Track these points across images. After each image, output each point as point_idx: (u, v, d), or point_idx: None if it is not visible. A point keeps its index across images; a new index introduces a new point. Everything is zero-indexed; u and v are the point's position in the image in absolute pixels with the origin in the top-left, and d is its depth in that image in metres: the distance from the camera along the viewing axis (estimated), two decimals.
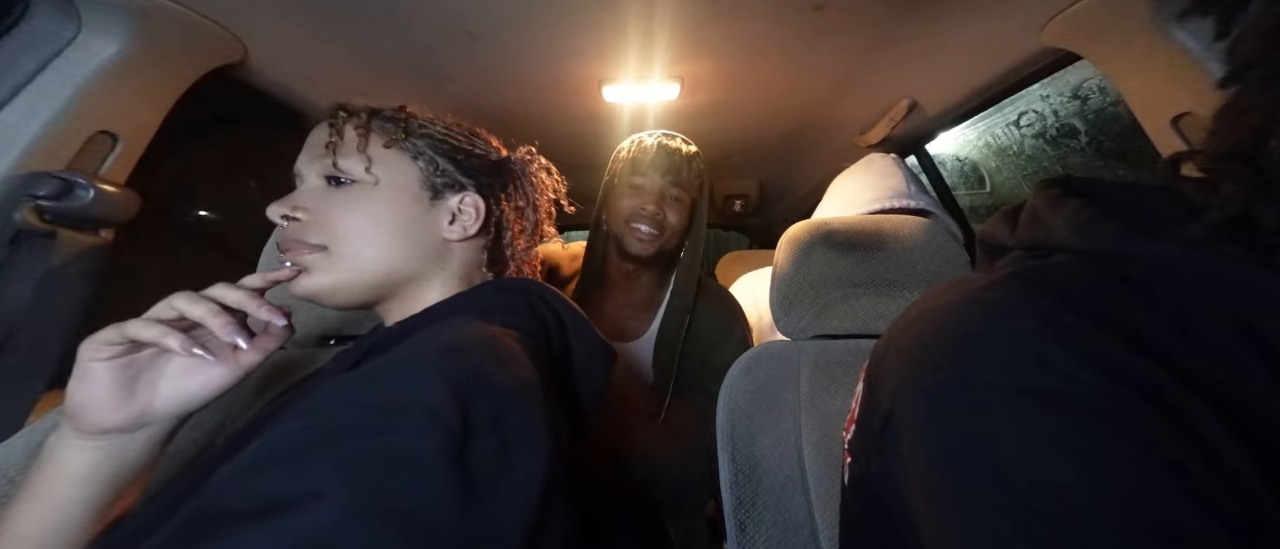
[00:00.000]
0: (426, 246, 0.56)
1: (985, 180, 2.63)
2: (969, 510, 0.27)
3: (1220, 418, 0.24)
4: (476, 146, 0.60)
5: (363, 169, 0.52)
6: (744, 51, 0.92)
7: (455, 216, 0.57)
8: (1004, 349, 0.28)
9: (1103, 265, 0.30)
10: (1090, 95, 1.48)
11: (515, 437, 0.39)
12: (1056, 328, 0.27)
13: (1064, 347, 0.26)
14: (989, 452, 0.26)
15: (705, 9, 0.78)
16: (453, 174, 0.57)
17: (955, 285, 0.35)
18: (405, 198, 0.54)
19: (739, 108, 1.20)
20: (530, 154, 0.66)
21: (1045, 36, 0.78)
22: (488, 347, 0.44)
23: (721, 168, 1.80)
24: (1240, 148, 0.27)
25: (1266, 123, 0.26)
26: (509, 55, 0.92)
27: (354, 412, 0.35)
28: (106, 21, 0.68)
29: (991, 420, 0.27)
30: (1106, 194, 0.34)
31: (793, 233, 0.80)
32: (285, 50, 0.86)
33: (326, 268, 0.52)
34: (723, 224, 2.58)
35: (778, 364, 0.75)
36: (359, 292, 0.53)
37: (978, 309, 0.31)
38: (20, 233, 0.64)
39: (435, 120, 0.59)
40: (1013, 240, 0.37)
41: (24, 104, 0.64)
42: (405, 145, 0.55)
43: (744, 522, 0.67)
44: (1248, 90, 0.28)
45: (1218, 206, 0.27)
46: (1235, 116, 0.28)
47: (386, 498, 0.31)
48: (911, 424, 0.31)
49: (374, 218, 0.53)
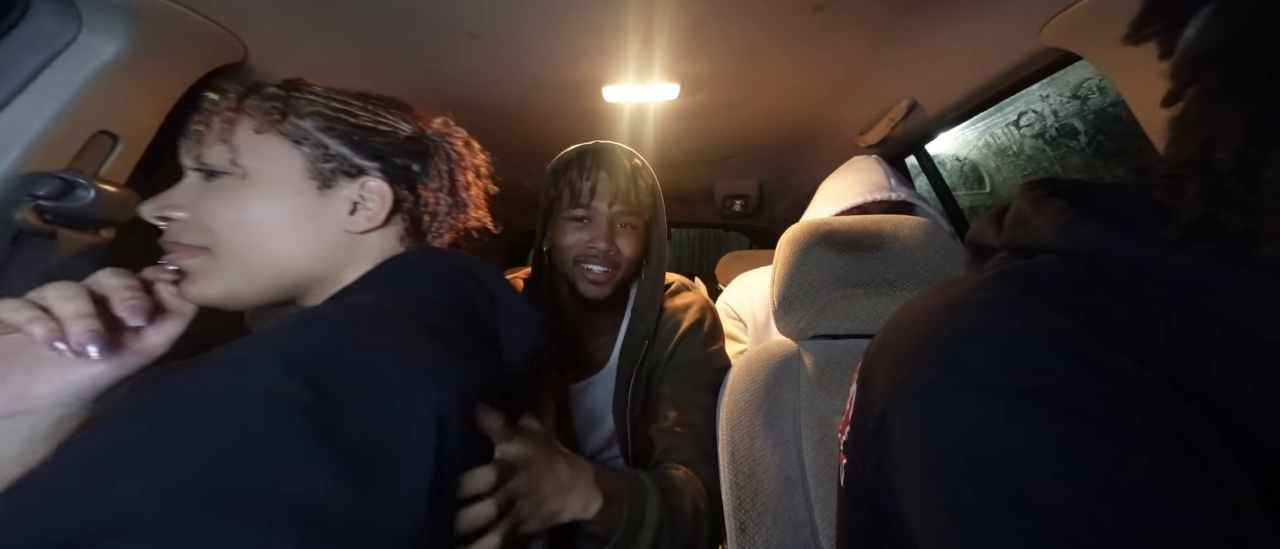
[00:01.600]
0: (326, 242, 0.50)
1: (985, 180, 2.63)
2: (960, 510, 0.27)
3: (1204, 416, 0.25)
4: (381, 124, 0.53)
5: (228, 160, 0.46)
6: (744, 52, 0.92)
7: (357, 206, 0.51)
8: (992, 349, 0.29)
9: (1085, 266, 0.31)
10: (1090, 95, 1.48)
11: (401, 400, 0.36)
12: (1042, 328, 0.28)
13: (1050, 346, 0.27)
14: (979, 451, 0.27)
15: (705, 10, 0.78)
16: (348, 158, 0.50)
17: (945, 287, 0.35)
18: (285, 189, 0.48)
19: (739, 108, 1.20)
20: (446, 125, 0.58)
21: (1045, 36, 0.78)
22: (352, 314, 0.40)
23: (721, 168, 1.80)
24: (1195, 156, 0.28)
25: (1213, 133, 0.27)
26: (509, 55, 0.92)
27: (164, 415, 0.31)
28: (107, 22, 0.68)
29: (980, 420, 0.27)
30: (1090, 195, 0.34)
31: (792, 233, 0.80)
32: (285, 50, 0.86)
33: (210, 272, 0.47)
34: (723, 224, 2.58)
35: (777, 364, 0.75)
36: (258, 295, 0.49)
37: (965, 310, 0.32)
38: (21, 233, 0.64)
39: (333, 96, 0.52)
40: (1000, 241, 0.38)
41: (24, 104, 0.64)
42: (283, 128, 0.49)
43: (744, 522, 0.67)
44: (1191, 106, 0.29)
45: (1185, 209, 0.28)
46: (1186, 127, 0.30)
47: (228, 486, 0.28)
48: (903, 425, 0.31)
49: (249, 214, 0.47)
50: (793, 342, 0.78)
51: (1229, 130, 0.26)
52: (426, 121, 0.57)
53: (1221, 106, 0.27)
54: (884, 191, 1.02)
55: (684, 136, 1.40)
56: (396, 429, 0.35)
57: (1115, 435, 0.25)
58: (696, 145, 1.50)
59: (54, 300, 0.39)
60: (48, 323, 0.38)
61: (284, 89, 0.51)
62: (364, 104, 0.53)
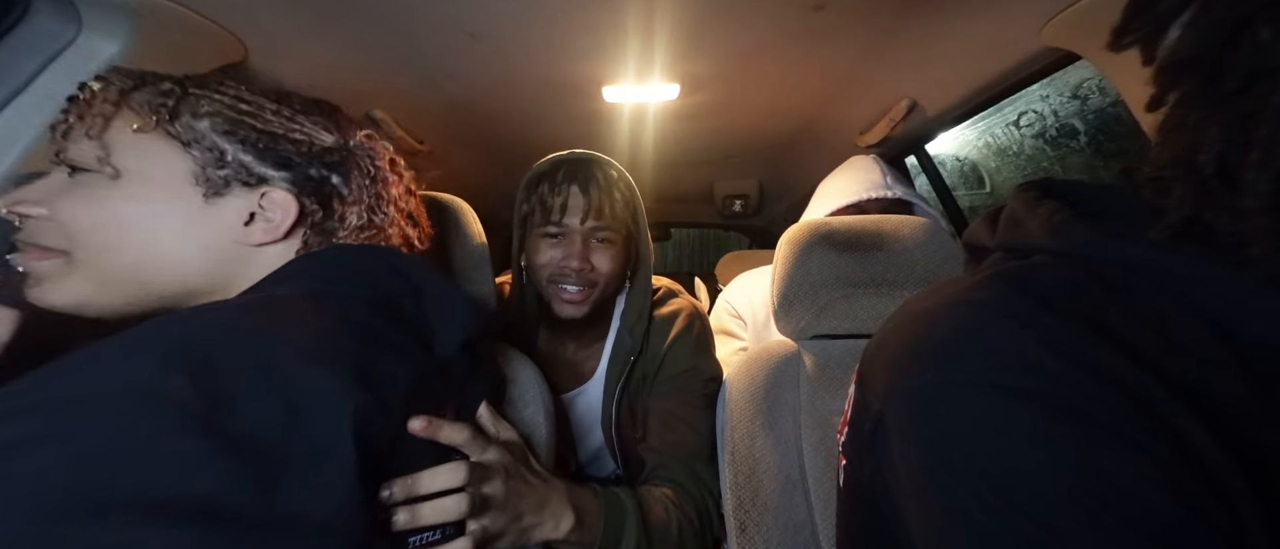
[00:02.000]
0: (210, 253, 0.46)
1: (985, 180, 2.63)
2: (958, 510, 0.27)
3: (1197, 416, 0.25)
4: (294, 131, 0.49)
5: (95, 158, 0.43)
6: (744, 52, 0.92)
7: (255, 216, 0.47)
8: (989, 350, 0.29)
9: (1078, 266, 0.31)
10: (1090, 95, 1.48)
11: (303, 392, 0.35)
12: (1036, 328, 0.28)
13: (1044, 347, 0.27)
14: (975, 450, 0.27)
15: (705, 9, 0.78)
16: (249, 165, 0.46)
17: (940, 288, 0.35)
18: (159, 193, 0.44)
19: (739, 108, 1.20)
20: (370, 138, 0.55)
21: (1045, 37, 0.78)
22: (253, 307, 0.38)
23: (721, 168, 1.80)
24: (1179, 159, 0.29)
25: (1195, 137, 0.28)
26: (509, 55, 0.92)
27: (36, 414, 0.29)
28: (107, 22, 0.68)
29: (977, 421, 0.28)
30: (1083, 196, 0.35)
31: (792, 233, 0.80)
32: (285, 50, 0.86)
33: (64, 277, 0.43)
34: (723, 224, 2.58)
35: (777, 364, 0.75)
36: (117, 304, 0.45)
37: (961, 311, 0.32)
38: None
39: (243, 97, 0.48)
40: (994, 242, 0.38)
41: (24, 104, 0.64)
42: (172, 129, 0.44)
43: (744, 522, 0.67)
44: (1174, 111, 0.30)
45: (1173, 210, 0.29)
46: (1170, 131, 0.30)
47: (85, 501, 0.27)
48: (900, 425, 0.31)
49: (113, 216, 0.43)
50: (793, 342, 0.78)
51: (1209, 134, 0.27)
52: (351, 132, 0.53)
53: (1201, 111, 0.28)
54: (880, 190, 1.04)
55: (684, 136, 1.40)
56: (300, 422, 0.34)
57: (1113, 436, 0.25)
58: (696, 145, 1.50)
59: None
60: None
61: (181, 86, 0.47)
62: (279, 107, 0.50)
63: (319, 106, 0.52)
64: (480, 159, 1.58)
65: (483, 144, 1.41)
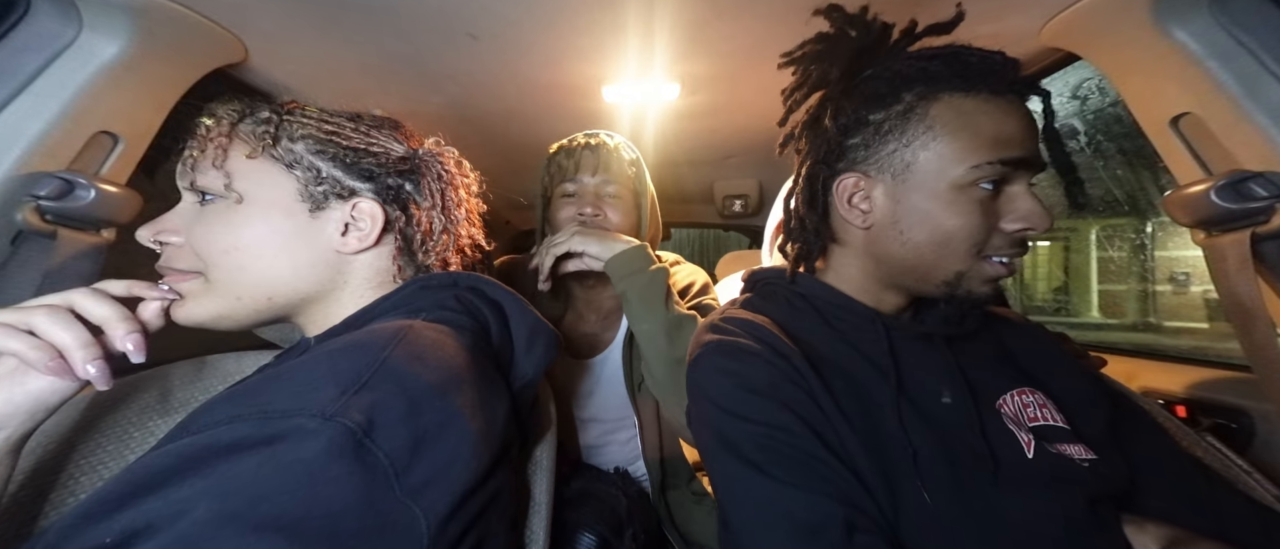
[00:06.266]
0: (317, 263, 0.51)
1: None
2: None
3: (809, 363, 0.53)
4: (373, 145, 0.54)
5: (222, 185, 0.47)
6: (744, 52, 0.92)
7: (349, 227, 0.52)
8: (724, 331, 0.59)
9: (788, 291, 0.64)
10: (1090, 95, 1.48)
11: (432, 426, 0.38)
12: (756, 324, 0.58)
13: (751, 335, 0.57)
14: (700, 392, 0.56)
15: (705, 9, 0.78)
16: (340, 180, 0.51)
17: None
18: (275, 213, 0.49)
19: (739, 108, 1.20)
20: (438, 145, 0.60)
21: (1045, 36, 0.79)
22: (398, 339, 0.41)
23: (721, 168, 1.80)
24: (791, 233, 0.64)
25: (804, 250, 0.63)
26: (509, 55, 0.92)
27: (229, 429, 0.33)
28: (107, 22, 0.68)
29: (702, 372, 0.56)
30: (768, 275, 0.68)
31: None
32: (285, 50, 0.86)
33: (204, 295, 0.48)
34: (723, 224, 2.58)
35: None
36: (247, 317, 0.50)
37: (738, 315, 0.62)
38: (21, 233, 0.64)
39: (325, 118, 0.53)
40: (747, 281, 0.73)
41: (25, 104, 0.64)
42: (275, 153, 0.49)
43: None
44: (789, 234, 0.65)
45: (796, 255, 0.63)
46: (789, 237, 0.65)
47: (261, 506, 0.30)
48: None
49: (243, 239, 0.48)
50: None
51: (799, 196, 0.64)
52: (418, 141, 0.59)
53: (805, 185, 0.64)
54: None
55: (684, 136, 1.40)
56: (422, 454, 0.37)
57: (775, 369, 0.53)
58: (696, 145, 1.50)
59: (45, 327, 0.39)
60: (45, 350, 0.38)
61: (277, 113, 0.51)
62: (356, 125, 0.54)
63: (386, 121, 0.57)
64: (480, 159, 1.57)
65: (483, 144, 1.41)
